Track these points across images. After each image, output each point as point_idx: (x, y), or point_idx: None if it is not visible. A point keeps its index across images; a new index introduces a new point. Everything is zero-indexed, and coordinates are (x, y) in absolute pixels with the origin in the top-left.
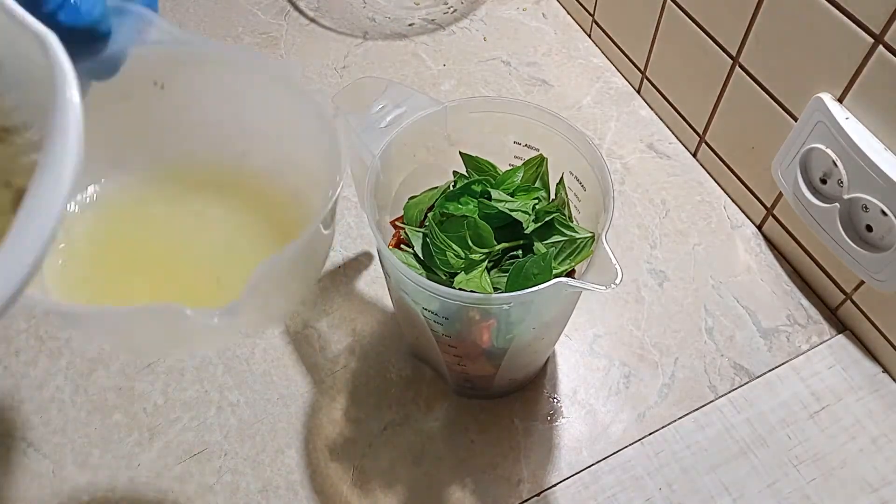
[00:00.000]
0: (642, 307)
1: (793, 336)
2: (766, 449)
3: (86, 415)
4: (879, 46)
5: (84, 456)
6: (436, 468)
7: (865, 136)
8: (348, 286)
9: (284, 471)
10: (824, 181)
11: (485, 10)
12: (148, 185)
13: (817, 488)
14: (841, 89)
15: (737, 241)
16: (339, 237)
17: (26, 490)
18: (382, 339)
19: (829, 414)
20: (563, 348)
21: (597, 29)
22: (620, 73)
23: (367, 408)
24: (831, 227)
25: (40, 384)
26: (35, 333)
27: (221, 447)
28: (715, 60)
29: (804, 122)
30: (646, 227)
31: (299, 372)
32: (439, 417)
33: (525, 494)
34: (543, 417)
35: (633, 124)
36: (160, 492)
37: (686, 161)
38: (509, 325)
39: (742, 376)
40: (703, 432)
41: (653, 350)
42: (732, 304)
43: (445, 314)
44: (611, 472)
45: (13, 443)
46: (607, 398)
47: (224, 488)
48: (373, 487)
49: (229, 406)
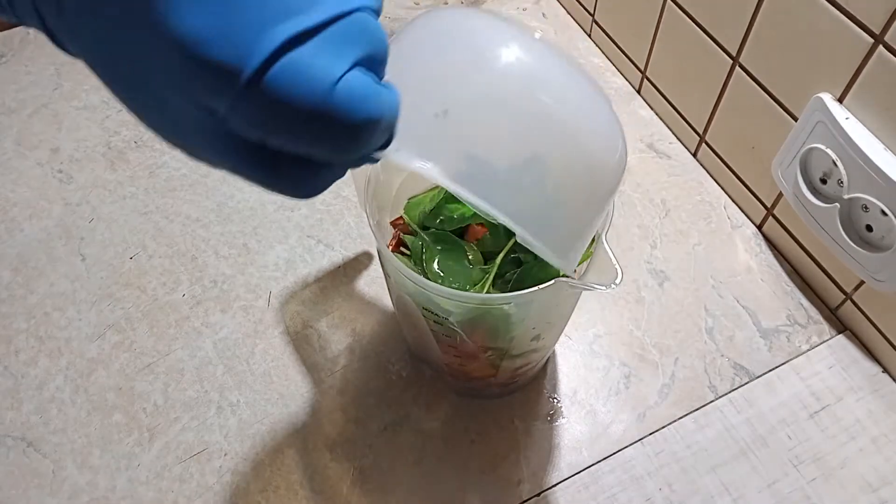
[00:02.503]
0: (642, 307)
1: (793, 336)
2: (766, 449)
3: (86, 415)
4: (879, 46)
5: (84, 456)
6: (436, 468)
7: (865, 136)
8: (348, 286)
9: (284, 471)
10: (824, 181)
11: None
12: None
13: (817, 488)
14: (841, 89)
15: (737, 241)
16: (339, 237)
17: (26, 490)
18: (382, 339)
19: (828, 414)
20: (563, 348)
21: (597, 29)
22: (620, 73)
23: (367, 408)
24: (831, 227)
25: (40, 384)
26: (35, 333)
27: (221, 447)
28: (715, 60)
29: (804, 122)
30: (646, 227)
31: (299, 372)
32: (439, 417)
33: (525, 494)
34: (543, 417)
35: (633, 124)
36: (160, 492)
37: (686, 161)
38: (509, 325)
39: (742, 376)
40: (703, 432)
41: (653, 350)
42: (732, 304)
43: (445, 314)
44: (611, 472)
45: (13, 443)
46: (607, 398)
47: (224, 488)
48: (373, 487)
49: (229, 406)
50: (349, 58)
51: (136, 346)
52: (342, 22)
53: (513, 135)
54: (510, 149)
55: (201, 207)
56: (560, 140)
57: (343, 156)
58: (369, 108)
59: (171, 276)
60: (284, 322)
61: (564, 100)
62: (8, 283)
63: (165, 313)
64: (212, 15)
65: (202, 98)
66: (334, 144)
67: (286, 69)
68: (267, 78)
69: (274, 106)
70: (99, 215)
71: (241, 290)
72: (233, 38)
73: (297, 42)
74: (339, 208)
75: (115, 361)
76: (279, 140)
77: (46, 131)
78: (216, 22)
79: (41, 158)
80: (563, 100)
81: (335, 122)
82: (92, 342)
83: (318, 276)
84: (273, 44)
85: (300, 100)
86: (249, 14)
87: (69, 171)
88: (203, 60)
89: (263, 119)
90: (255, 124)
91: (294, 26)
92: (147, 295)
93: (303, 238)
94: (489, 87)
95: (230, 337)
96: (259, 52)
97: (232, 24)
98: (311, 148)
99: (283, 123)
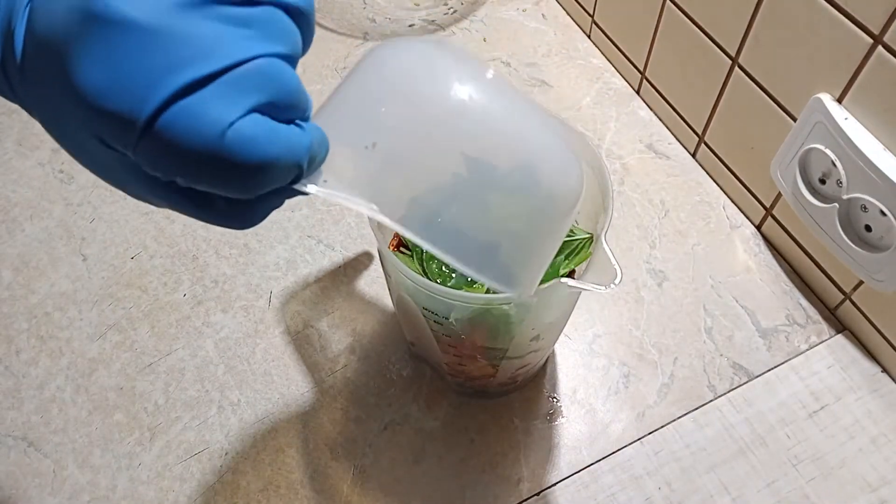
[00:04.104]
0: (641, 307)
1: (792, 336)
2: (765, 448)
3: (87, 414)
4: (878, 47)
5: (85, 455)
6: (436, 467)
7: (864, 136)
8: (349, 286)
9: (285, 470)
10: (823, 181)
11: (485, 11)
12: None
13: (816, 488)
14: (840, 90)
15: (736, 241)
16: (339, 237)
17: (27, 489)
18: (383, 339)
19: (828, 413)
20: (563, 348)
21: (596, 30)
22: (620, 74)
23: (367, 407)
24: (830, 228)
25: (41, 384)
26: (36, 333)
27: (222, 446)
28: (714, 61)
29: (803, 123)
30: (645, 227)
31: (300, 371)
32: (439, 417)
33: (525, 493)
34: (543, 417)
35: (633, 125)
36: (161, 491)
37: (685, 161)
38: (509, 325)
39: (741, 376)
40: (703, 432)
41: (652, 350)
42: (731, 303)
43: (445, 314)
44: (610, 472)
45: (14, 442)
46: (607, 398)
47: (225, 487)
48: (373, 486)
49: (230, 405)
50: (244, 104)
51: (137, 345)
52: (239, 70)
53: (442, 166)
54: (439, 180)
55: None
56: (496, 169)
57: (245, 194)
58: (263, 151)
59: (172, 276)
60: (285, 322)
61: (501, 130)
62: (9, 283)
63: (166, 313)
64: (112, 68)
65: (112, 143)
66: (231, 185)
67: (177, 116)
68: (158, 124)
69: (169, 149)
70: (100, 215)
71: (242, 289)
72: (129, 88)
73: (191, 90)
74: (340, 209)
75: (117, 361)
76: (184, 180)
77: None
78: (115, 74)
79: (42, 158)
80: (499, 130)
81: (227, 164)
82: (93, 342)
83: (318, 276)
84: (165, 92)
85: (191, 144)
86: (146, 65)
87: (70, 171)
88: (104, 110)
89: (163, 162)
90: (157, 167)
91: (187, 75)
92: (148, 295)
93: (303, 238)
94: (421, 118)
95: (231, 336)
96: (152, 100)
97: (129, 76)
98: (213, 188)
99: (180, 166)
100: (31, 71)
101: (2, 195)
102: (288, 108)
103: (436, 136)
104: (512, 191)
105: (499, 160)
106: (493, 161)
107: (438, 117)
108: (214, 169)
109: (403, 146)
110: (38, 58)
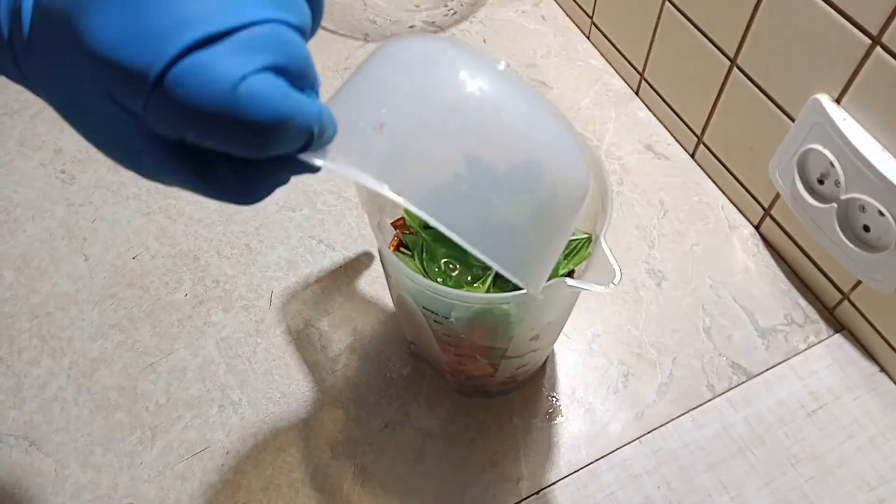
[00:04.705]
0: (641, 307)
1: (790, 335)
2: (764, 448)
3: (88, 414)
4: (877, 48)
5: (86, 455)
6: (436, 466)
7: (863, 136)
8: (349, 286)
9: (286, 469)
10: (822, 182)
11: (485, 12)
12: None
13: (815, 487)
14: (838, 90)
15: (734, 241)
16: (340, 237)
17: (28, 489)
18: (383, 339)
19: (826, 413)
20: (562, 347)
21: (595, 31)
22: (619, 75)
23: (367, 406)
24: (829, 228)
25: (43, 383)
26: (38, 333)
27: (223, 445)
28: (713, 62)
29: (802, 123)
30: (644, 227)
31: (301, 371)
32: (439, 416)
33: (524, 492)
34: (542, 416)
35: (632, 125)
36: (162, 490)
37: (684, 162)
38: (509, 324)
39: (740, 375)
40: (701, 431)
41: (651, 349)
42: (730, 303)
43: (445, 314)
44: (609, 471)
45: (15, 442)
46: (606, 397)
47: (226, 486)
48: (373, 485)
49: (231, 405)
50: (256, 62)
51: (138, 345)
52: (253, 29)
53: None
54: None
55: (203, 208)
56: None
57: (254, 153)
58: (274, 107)
59: (173, 275)
60: (286, 321)
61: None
62: (11, 282)
63: (168, 313)
64: (124, 23)
65: (122, 99)
66: (241, 141)
67: (189, 70)
68: (170, 77)
69: (180, 104)
70: (102, 216)
71: (243, 289)
72: (142, 42)
73: (204, 44)
74: (341, 209)
75: (118, 361)
76: (194, 134)
77: (49, 132)
78: (128, 28)
79: (44, 159)
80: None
81: (239, 119)
82: (94, 342)
83: (319, 275)
84: (178, 46)
85: (203, 98)
86: (159, 20)
87: (72, 171)
88: (116, 64)
89: (173, 117)
90: (167, 122)
91: (200, 30)
92: (149, 295)
93: (304, 238)
94: (435, 104)
95: (232, 336)
96: (165, 53)
97: (142, 30)
98: (223, 145)
99: (190, 121)
100: (39, 41)
101: (4, 196)
102: (298, 77)
103: (449, 123)
104: (523, 184)
105: (511, 151)
106: (503, 152)
107: (452, 103)
108: (225, 123)
109: (415, 128)
110: (47, 26)
